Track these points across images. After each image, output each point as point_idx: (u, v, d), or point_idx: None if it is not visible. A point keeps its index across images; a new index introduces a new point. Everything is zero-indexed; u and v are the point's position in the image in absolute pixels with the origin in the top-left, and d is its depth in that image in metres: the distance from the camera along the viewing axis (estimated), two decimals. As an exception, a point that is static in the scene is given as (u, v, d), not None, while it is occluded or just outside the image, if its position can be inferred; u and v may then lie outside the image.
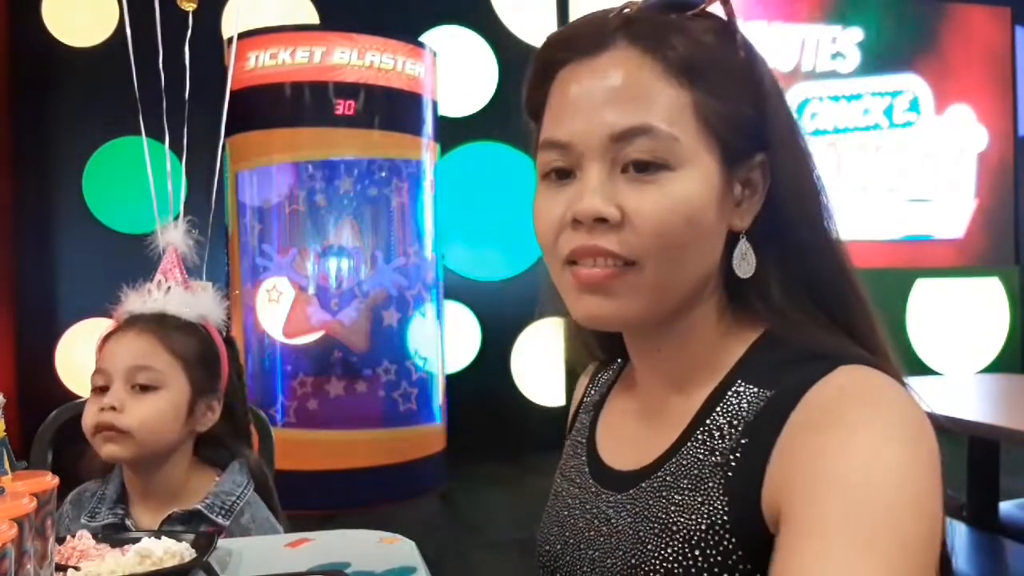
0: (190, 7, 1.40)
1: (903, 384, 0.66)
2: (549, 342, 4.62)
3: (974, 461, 2.25)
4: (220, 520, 1.19)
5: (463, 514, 3.87)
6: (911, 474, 0.58)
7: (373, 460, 3.66)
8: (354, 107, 3.65)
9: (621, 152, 0.65)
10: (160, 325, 1.23)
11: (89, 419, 1.18)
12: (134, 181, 4.11)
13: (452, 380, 4.28)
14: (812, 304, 0.70)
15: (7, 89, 4.46)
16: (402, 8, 4.63)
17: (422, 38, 4.34)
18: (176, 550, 0.93)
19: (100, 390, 1.19)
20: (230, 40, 3.69)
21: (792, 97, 5.17)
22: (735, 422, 0.65)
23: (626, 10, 0.68)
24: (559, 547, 0.77)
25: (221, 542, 1.01)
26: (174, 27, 1.41)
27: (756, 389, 0.66)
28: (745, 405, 0.66)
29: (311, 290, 3.64)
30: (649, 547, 0.67)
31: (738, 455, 0.64)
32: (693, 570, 0.63)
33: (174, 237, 1.29)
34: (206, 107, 1.57)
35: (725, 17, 0.68)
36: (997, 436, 1.98)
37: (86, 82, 4.37)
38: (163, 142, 1.41)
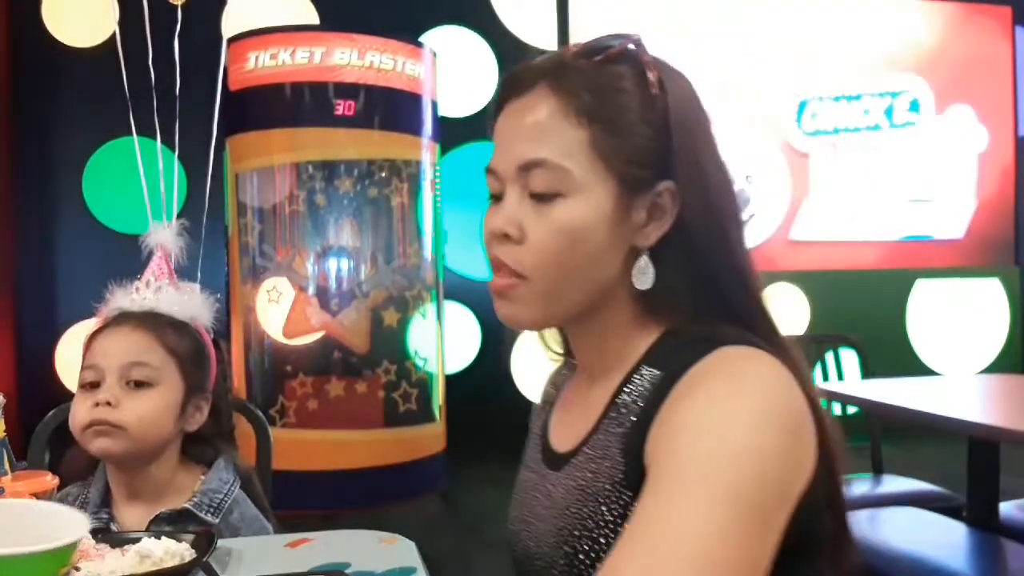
0: (179, 1, 1.41)
1: (797, 371, 0.73)
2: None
3: (974, 461, 2.24)
4: (209, 518, 1.17)
5: (463, 514, 3.87)
6: (745, 431, 0.65)
7: (373, 460, 3.66)
8: (354, 107, 3.65)
9: (528, 180, 0.78)
10: (154, 322, 1.22)
11: (81, 415, 1.15)
12: (134, 181, 4.13)
13: (452, 380, 4.28)
14: (720, 315, 0.78)
15: (7, 89, 4.46)
16: (402, 8, 4.63)
17: (422, 38, 4.34)
18: (176, 550, 0.93)
19: (90, 386, 1.17)
20: (229, 41, 3.69)
21: (792, 97, 5.19)
22: (636, 398, 0.76)
23: (561, 54, 0.80)
24: (518, 525, 0.88)
25: (220, 542, 1.01)
26: (171, 28, 1.41)
27: (655, 371, 0.76)
28: (647, 385, 0.76)
29: (311, 290, 3.64)
30: (572, 510, 0.77)
31: (633, 421, 0.74)
32: (602, 523, 0.74)
33: (163, 237, 1.28)
34: (207, 108, 1.57)
35: (639, 59, 0.78)
36: (997, 436, 1.97)
37: (86, 82, 4.37)
38: (163, 142, 1.41)
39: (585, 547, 0.74)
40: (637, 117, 0.77)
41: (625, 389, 0.78)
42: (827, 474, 0.72)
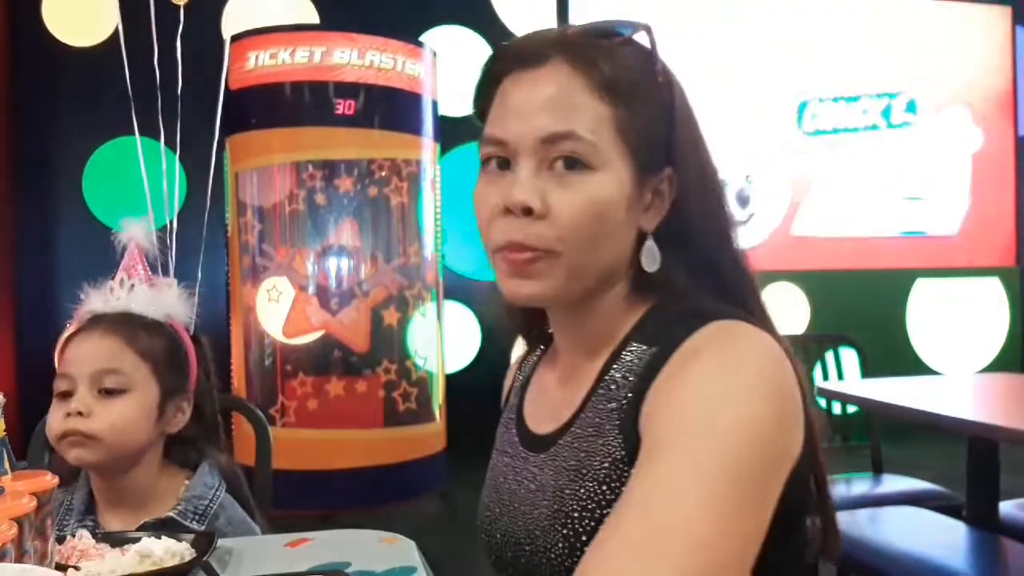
0: (181, 1, 1.39)
1: (782, 348, 0.73)
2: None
3: (974, 461, 2.24)
4: (195, 526, 1.15)
5: (463, 514, 3.86)
6: (738, 403, 0.66)
7: (373, 460, 3.67)
8: (354, 107, 3.65)
9: (549, 152, 0.76)
10: (125, 325, 1.18)
11: (55, 426, 1.13)
12: (134, 181, 4.11)
13: (452, 380, 4.28)
14: (714, 295, 0.80)
15: (7, 89, 4.46)
16: (402, 8, 4.63)
17: (422, 38, 4.34)
18: (176, 550, 0.93)
19: (64, 395, 1.15)
20: (229, 40, 3.69)
21: (791, 97, 5.18)
22: (626, 374, 0.76)
23: (564, 32, 0.80)
24: (497, 510, 0.86)
25: (221, 542, 1.01)
26: (172, 27, 1.41)
27: (644, 347, 0.77)
28: (636, 360, 0.76)
29: (311, 290, 3.64)
30: (567, 492, 0.76)
31: (629, 397, 0.74)
32: (603, 503, 0.72)
33: (136, 232, 1.24)
34: (207, 107, 1.57)
35: (648, 47, 0.80)
36: (997, 436, 1.97)
37: (86, 82, 4.36)
38: (164, 141, 1.41)
39: (588, 527, 0.73)
40: (648, 101, 0.78)
41: (614, 366, 0.78)
42: (811, 448, 0.73)
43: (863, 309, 5.10)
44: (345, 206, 3.66)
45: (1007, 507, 2.26)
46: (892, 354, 4.95)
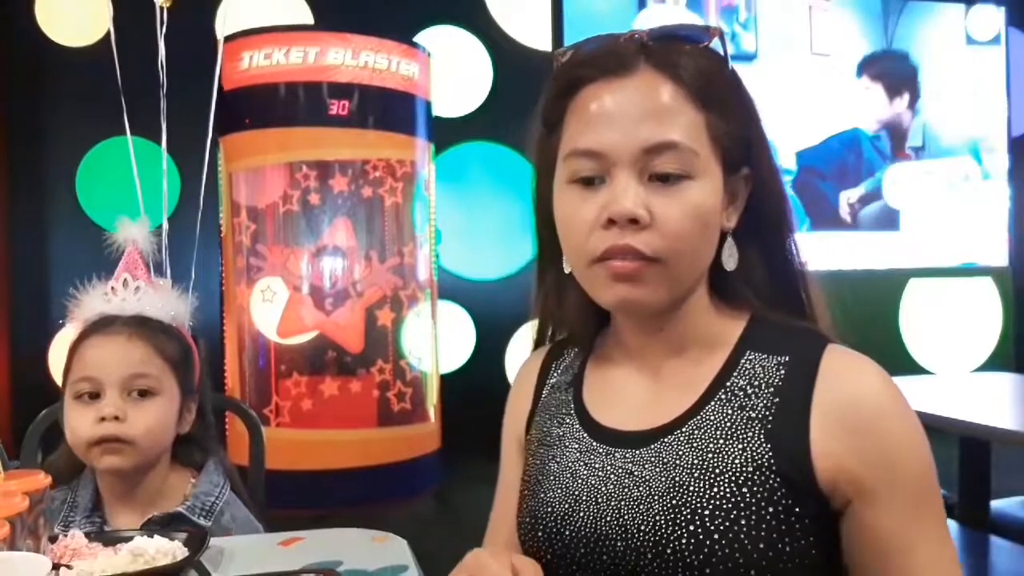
0: (165, 4, 1.39)
1: None
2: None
3: (966, 460, 2.25)
4: (201, 521, 1.16)
5: (457, 513, 3.87)
6: (927, 447, 0.78)
7: (367, 460, 3.66)
8: (348, 107, 3.65)
9: (649, 162, 0.76)
10: (148, 329, 1.19)
11: (87, 431, 1.13)
12: (127, 181, 4.11)
13: (446, 380, 4.28)
14: (788, 291, 0.85)
15: (0, 89, 4.45)
16: (396, 8, 4.63)
17: (416, 38, 4.34)
18: (168, 548, 0.93)
19: (88, 397, 1.15)
20: (223, 40, 3.68)
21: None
22: (756, 383, 0.79)
23: (636, 36, 0.79)
24: (567, 506, 0.82)
25: (214, 540, 1.01)
26: (167, 28, 1.41)
27: (766, 356, 0.80)
28: (760, 370, 0.79)
29: (305, 290, 3.63)
30: (691, 489, 0.76)
31: (774, 410, 0.77)
32: (742, 504, 0.74)
33: (135, 234, 1.24)
34: (200, 107, 1.57)
35: (722, 52, 0.80)
36: (989, 436, 1.98)
37: (79, 82, 4.35)
38: (157, 142, 1.41)
39: (721, 527, 0.73)
40: (730, 103, 0.80)
41: (734, 374, 0.80)
42: None
43: (856, 309, 5.09)
44: (339, 206, 3.65)
45: (998, 506, 2.27)
46: (885, 354, 4.90)
